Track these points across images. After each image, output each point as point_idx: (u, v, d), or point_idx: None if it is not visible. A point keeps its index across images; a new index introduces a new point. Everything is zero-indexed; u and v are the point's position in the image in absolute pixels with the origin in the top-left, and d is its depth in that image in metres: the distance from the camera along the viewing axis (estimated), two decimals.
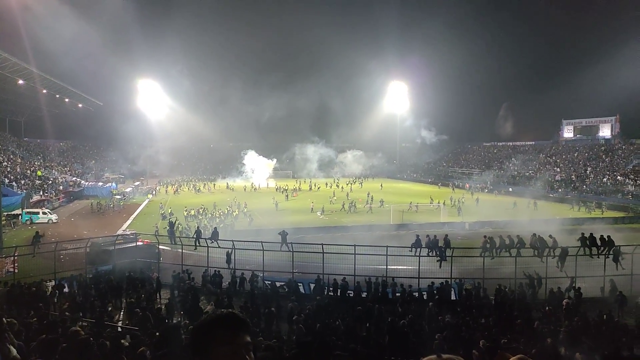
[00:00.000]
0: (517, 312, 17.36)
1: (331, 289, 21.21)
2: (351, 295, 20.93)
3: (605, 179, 64.95)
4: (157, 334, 9.95)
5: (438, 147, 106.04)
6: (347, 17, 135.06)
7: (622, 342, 12.71)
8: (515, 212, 48.58)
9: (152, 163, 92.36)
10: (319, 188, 74.68)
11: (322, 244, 22.57)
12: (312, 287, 22.08)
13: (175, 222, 33.51)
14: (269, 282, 22.63)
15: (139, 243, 27.66)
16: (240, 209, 48.11)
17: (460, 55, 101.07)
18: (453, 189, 72.28)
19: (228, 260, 24.09)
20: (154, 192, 68.48)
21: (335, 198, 59.13)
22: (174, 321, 16.47)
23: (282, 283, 22.11)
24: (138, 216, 48.24)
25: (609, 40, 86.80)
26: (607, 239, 24.06)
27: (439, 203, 51.37)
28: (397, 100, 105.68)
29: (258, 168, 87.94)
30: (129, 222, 44.43)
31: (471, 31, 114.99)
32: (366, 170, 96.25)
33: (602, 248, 23.85)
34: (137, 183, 77.45)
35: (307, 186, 76.74)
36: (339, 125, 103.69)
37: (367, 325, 15.56)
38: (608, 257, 23.26)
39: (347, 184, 79.40)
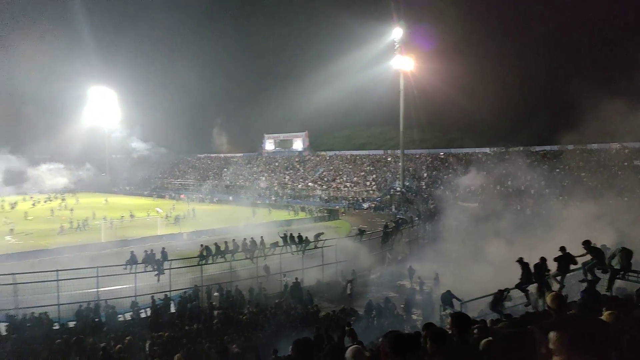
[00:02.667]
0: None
1: (29, 324, 17.99)
2: (56, 327, 18.29)
3: (300, 186, 76.11)
4: None
5: (153, 159, 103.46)
6: (35, 11, 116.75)
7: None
8: (234, 219, 51.23)
9: None
10: (13, 206, 62.18)
11: (13, 274, 18.98)
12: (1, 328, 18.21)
13: None
14: None
15: None
16: None
17: (172, 70, 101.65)
18: (176, 201, 71.37)
19: None
20: None
21: (31, 217, 50.72)
22: None
23: None
24: None
25: (300, 68, 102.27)
26: (304, 237, 28.30)
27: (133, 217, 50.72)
28: (104, 108, 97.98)
29: None
30: None
31: (184, 46, 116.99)
32: (71, 184, 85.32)
33: (300, 244, 27.93)
34: None
35: None
36: (31, 133, 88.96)
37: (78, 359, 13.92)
38: (304, 253, 27.42)
39: (46, 201, 69.05)
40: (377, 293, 22.41)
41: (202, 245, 25.81)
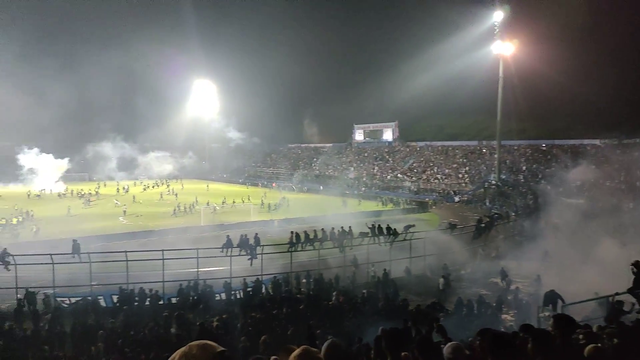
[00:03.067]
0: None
1: (137, 298, 19.84)
2: (161, 303, 19.97)
3: (389, 177, 75.32)
4: None
5: (247, 148, 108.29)
6: (149, 11, 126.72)
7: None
8: (323, 208, 52.11)
9: None
10: (126, 190, 68.63)
11: (125, 252, 20.96)
12: (114, 300, 20.30)
13: None
14: (63, 299, 20.07)
15: None
16: (26, 218, 41.43)
17: (266, 62, 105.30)
18: (269, 190, 74.36)
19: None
20: None
21: (140, 201, 55.51)
22: None
23: (79, 298, 19.79)
24: None
25: (391, 57, 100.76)
26: (392, 228, 27.96)
27: (230, 203, 53.01)
28: (205, 100, 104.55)
29: (44, 170, 75.45)
30: None
31: (275, 39, 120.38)
32: (175, 171, 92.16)
33: (388, 236, 27.64)
34: None
35: (114, 189, 68.84)
36: (142, 123, 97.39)
37: (179, 331, 15.05)
38: (392, 244, 27.11)
39: (154, 186, 75.46)
40: (468, 289, 21.56)
41: (292, 232, 26.56)
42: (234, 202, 54.88)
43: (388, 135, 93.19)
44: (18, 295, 19.38)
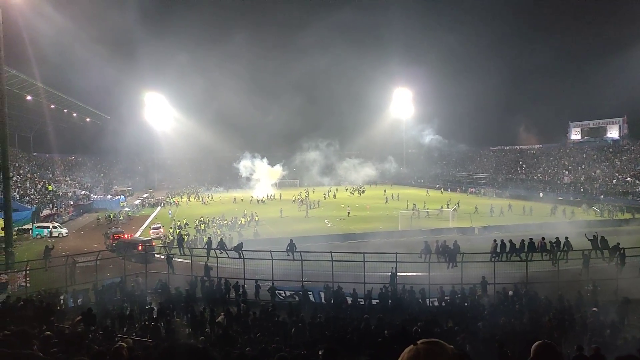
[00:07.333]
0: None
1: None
2: (362, 302, 20.85)
3: (614, 181, 64.30)
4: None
5: (446, 153, 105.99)
6: (353, 27, 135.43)
7: None
8: (530, 216, 48.01)
9: (160, 175, 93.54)
10: (334, 196, 74.19)
11: (331, 252, 22.50)
12: (322, 295, 22.02)
13: (185, 235, 33.28)
14: (280, 292, 22.67)
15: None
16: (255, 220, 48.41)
17: (466, 61, 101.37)
18: (467, 195, 71.52)
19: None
20: (162, 204, 68.75)
21: (343, 205, 59.25)
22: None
23: (292, 292, 22.08)
24: (147, 228, 48.26)
25: (615, 41, 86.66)
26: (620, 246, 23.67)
27: (441, 208, 51.67)
28: (402, 106, 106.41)
29: (264, 177, 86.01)
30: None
31: (477, 35, 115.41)
32: (375, 177, 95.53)
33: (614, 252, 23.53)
34: (145, 195, 77.77)
35: (322, 195, 74.59)
36: (346, 132, 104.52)
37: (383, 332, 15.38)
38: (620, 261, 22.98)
39: (357, 191, 79.60)
40: None
41: (495, 240, 24.91)
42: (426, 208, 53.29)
43: (613, 132, 80.00)
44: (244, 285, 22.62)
